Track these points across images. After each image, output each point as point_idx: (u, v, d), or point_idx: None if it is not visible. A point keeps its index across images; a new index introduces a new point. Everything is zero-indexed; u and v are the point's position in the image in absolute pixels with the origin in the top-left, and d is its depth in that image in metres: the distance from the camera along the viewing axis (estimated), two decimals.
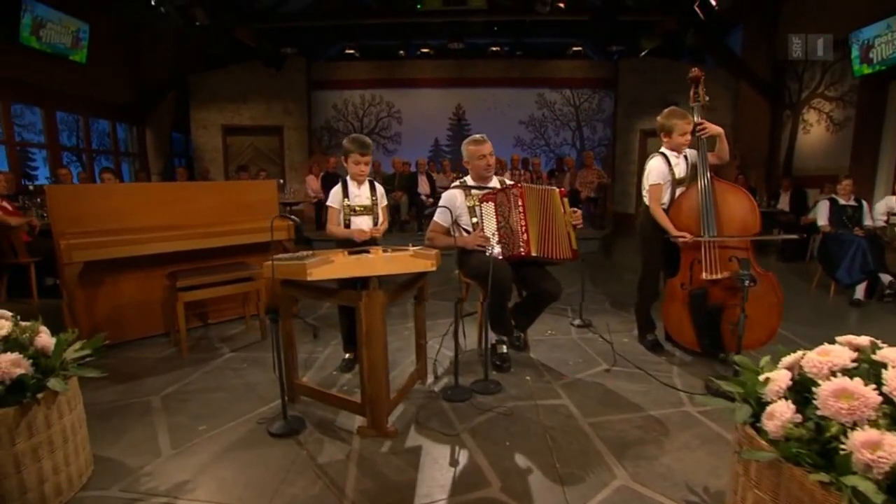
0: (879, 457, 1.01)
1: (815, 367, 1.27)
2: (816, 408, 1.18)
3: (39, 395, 1.56)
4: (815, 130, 6.98)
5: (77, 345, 1.72)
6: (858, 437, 1.06)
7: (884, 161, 5.96)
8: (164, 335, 3.40)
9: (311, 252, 2.28)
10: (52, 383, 1.57)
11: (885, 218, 4.76)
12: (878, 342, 1.32)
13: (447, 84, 10.45)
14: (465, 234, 2.81)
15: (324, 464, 1.85)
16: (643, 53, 9.39)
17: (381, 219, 2.77)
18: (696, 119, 2.91)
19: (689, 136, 2.92)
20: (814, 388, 1.21)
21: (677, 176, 2.95)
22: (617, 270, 5.74)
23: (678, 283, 2.88)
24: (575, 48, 10.09)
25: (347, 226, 2.66)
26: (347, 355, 2.84)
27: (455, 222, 2.83)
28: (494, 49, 9.93)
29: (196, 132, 10.03)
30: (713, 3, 6.58)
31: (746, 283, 2.42)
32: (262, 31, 8.55)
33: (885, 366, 1.21)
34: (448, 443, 1.99)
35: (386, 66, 10.36)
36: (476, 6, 7.93)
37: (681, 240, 2.76)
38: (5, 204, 4.56)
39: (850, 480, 1.03)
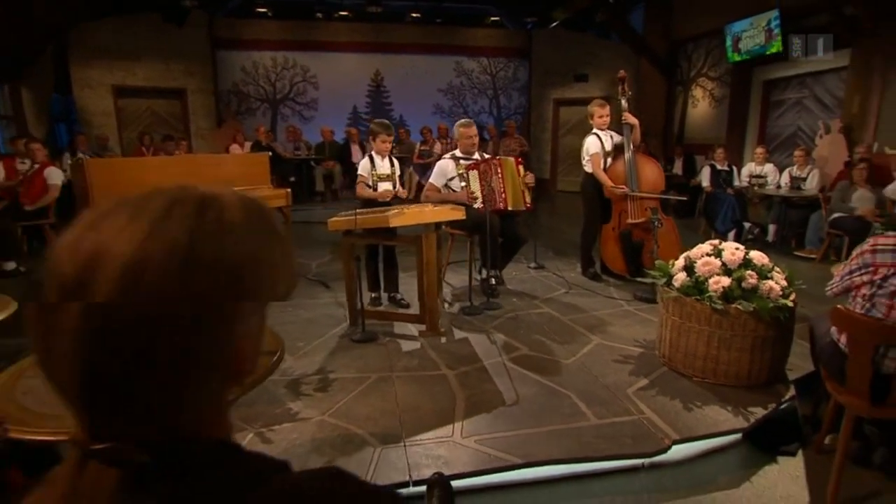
0: (714, 282, 2.54)
1: (694, 254, 2.79)
2: (695, 271, 2.69)
3: None
4: (700, 105, 9.21)
5: None
6: (710, 280, 2.58)
7: (749, 132, 8.27)
8: None
9: (356, 210, 3.39)
10: None
11: (748, 180, 6.89)
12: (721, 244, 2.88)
13: (365, 49, 11.28)
14: (453, 192, 4.10)
15: (408, 351, 3.07)
16: (553, 25, 11.12)
17: (398, 185, 3.92)
18: (623, 108, 4.43)
19: (605, 119, 4.45)
20: (695, 264, 2.72)
21: (607, 149, 4.48)
22: (545, 228, 7.37)
23: (611, 227, 4.46)
24: (493, 17, 11.51)
25: (375, 189, 3.79)
26: (374, 294, 3.98)
27: (446, 185, 4.10)
28: (414, 15, 10.98)
29: (80, 92, 9.78)
30: None
31: (656, 224, 4.03)
32: None
33: (722, 251, 2.75)
34: (483, 333, 3.31)
35: (300, 27, 10.88)
36: None
37: (618, 191, 4.31)
38: None
39: (706, 296, 2.54)
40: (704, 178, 7.02)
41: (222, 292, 0.42)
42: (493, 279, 4.21)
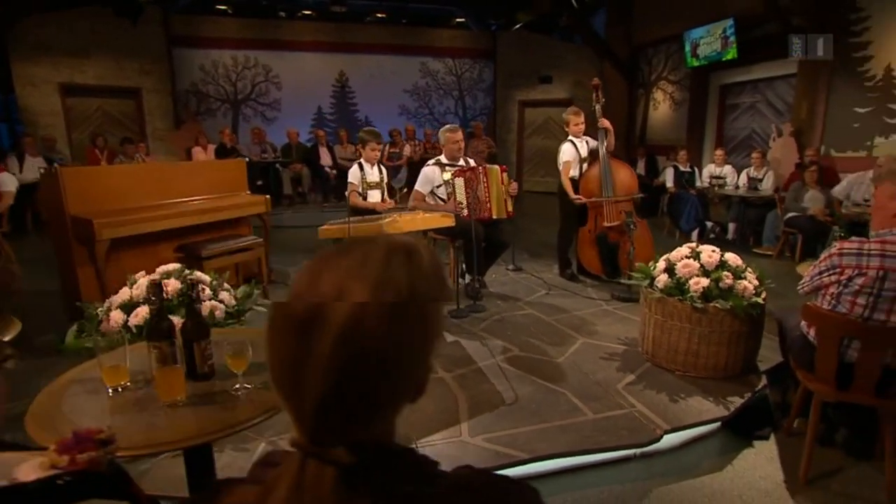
0: (695, 283, 2.79)
1: (674, 257, 3.04)
2: (676, 273, 2.93)
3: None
4: (661, 107, 9.68)
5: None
6: (691, 280, 2.83)
7: (708, 135, 8.77)
8: None
9: (348, 218, 3.49)
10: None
11: (709, 180, 7.33)
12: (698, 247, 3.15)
13: (329, 49, 11.29)
14: (440, 201, 4.24)
15: None
16: (517, 27, 11.42)
17: (386, 194, 4.03)
18: (598, 115, 4.68)
19: (581, 126, 4.69)
20: (675, 266, 2.97)
21: (583, 155, 4.73)
22: (518, 230, 7.61)
23: (587, 230, 4.71)
24: (458, 19, 11.71)
25: (365, 198, 3.89)
26: None
27: (432, 192, 4.25)
28: (379, 15, 11.05)
29: (22, 91, 9.37)
30: None
31: (631, 226, 4.30)
32: None
33: (700, 254, 3.01)
34: (474, 337, 3.47)
35: (261, 26, 10.78)
36: None
37: (577, 201, 4.55)
38: None
39: (688, 296, 2.79)
40: (668, 179, 7.42)
41: (432, 328, 0.55)
42: (476, 283, 4.37)
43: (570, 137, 4.78)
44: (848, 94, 6.36)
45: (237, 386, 1.47)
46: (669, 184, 7.36)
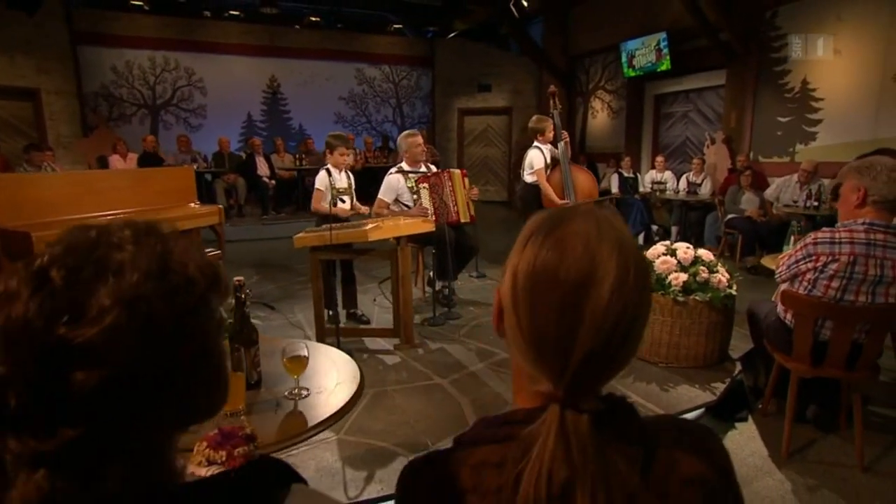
0: (675, 278, 3.10)
1: (651, 254, 3.35)
2: (655, 269, 3.23)
3: None
4: (600, 116, 10.34)
5: None
6: (671, 276, 3.13)
7: (645, 143, 9.48)
8: None
9: (327, 226, 3.53)
10: None
11: (651, 186, 7.93)
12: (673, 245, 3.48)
13: (259, 52, 11.07)
14: (405, 208, 4.36)
15: (392, 365, 3.27)
16: (454, 35, 11.79)
17: (356, 201, 4.09)
18: (556, 122, 5.00)
19: (551, 136, 5.00)
20: (654, 263, 3.27)
21: (548, 162, 5.02)
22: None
23: None
24: (395, 25, 11.90)
25: (335, 204, 3.93)
26: (330, 312, 4.09)
27: (397, 199, 4.36)
28: (313, 19, 11.01)
29: None
30: (524, 3, 9.19)
31: None
32: None
33: (675, 251, 3.34)
34: (457, 342, 3.61)
35: (183, 25, 10.40)
36: None
37: (560, 203, 4.83)
38: None
39: (670, 291, 3.09)
40: (613, 185, 7.95)
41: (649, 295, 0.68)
42: (446, 289, 4.51)
43: (536, 145, 5.05)
44: (771, 104, 7.16)
45: (295, 390, 1.52)
46: (615, 190, 7.89)
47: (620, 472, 0.61)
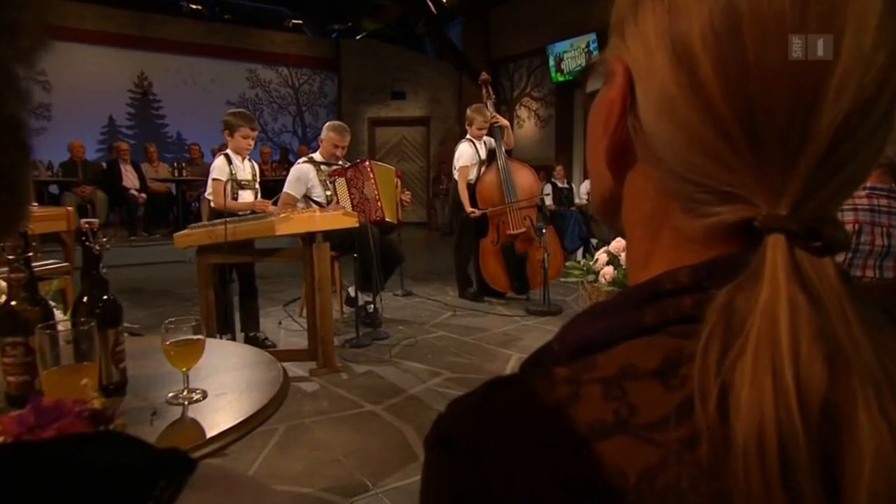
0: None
1: (614, 248, 3.19)
2: (620, 263, 3.07)
3: None
4: (526, 125, 10.48)
5: None
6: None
7: (577, 152, 9.68)
8: None
9: (221, 220, 3.08)
10: None
11: (587, 197, 8.03)
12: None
13: (124, 43, 10.22)
14: (315, 205, 3.98)
15: (309, 393, 2.83)
16: (362, 35, 11.65)
17: (260, 195, 3.66)
18: (490, 112, 4.85)
19: (485, 128, 4.84)
20: (618, 257, 3.11)
21: (482, 157, 4.84)
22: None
23: (489, 241, 4.77)
24: (294, 21, 11.56)
25: (235, 198, 3.47)
26: (227, 336, 3.57)
27: (307, 195, 3.99)
28: (194, 6, 10.43)
29: None
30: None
31: (542, 230, 4.47)
32: None
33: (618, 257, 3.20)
34: (389, 364, 3.23)
35: None
36: None
37: (473, 214, 4.63)
38: None
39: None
40: (547, 197, 7.96)
41: None
42: (370, 306, 4.13)
43: (468, 137, 4.86)
44: None
45: (184, 391, 1.12)
46: (549, 202, 7.90)
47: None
